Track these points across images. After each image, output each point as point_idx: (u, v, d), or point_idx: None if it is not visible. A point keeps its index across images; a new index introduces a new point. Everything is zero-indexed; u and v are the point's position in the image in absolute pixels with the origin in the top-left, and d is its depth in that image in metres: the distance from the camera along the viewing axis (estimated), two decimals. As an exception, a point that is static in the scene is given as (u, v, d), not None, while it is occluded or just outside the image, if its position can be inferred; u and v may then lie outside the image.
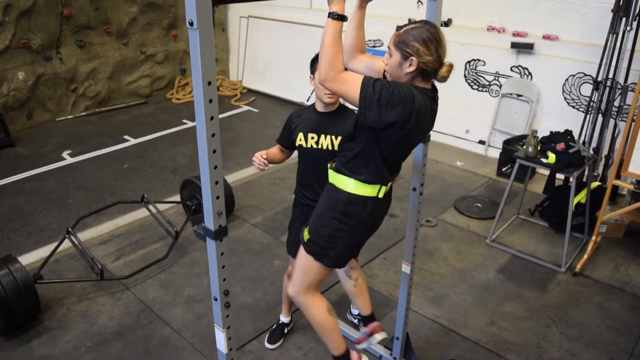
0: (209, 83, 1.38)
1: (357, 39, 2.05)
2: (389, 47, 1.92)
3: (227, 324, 1.78)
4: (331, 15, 1.77)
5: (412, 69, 1.86)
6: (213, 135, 1.43)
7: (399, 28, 1.92)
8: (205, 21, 1.31)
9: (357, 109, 1.86)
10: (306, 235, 2.14)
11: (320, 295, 2.25)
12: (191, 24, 1.32)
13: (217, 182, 1.50)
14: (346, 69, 1.86)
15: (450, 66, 1.91)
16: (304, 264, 2.17)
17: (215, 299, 1.73)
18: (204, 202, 1.54)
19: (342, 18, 1.78)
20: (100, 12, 6.77)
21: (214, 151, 1.45)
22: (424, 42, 1.83)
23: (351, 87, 1.79)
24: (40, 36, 6.25)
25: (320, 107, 2.57)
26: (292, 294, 2.24)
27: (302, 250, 2.16)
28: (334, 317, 2.26)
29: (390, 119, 1.79)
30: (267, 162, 2.57)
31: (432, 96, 1.96)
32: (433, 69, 1.88)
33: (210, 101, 1.39)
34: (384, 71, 1.98)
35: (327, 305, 2.24)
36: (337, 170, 2.05)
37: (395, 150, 1.97)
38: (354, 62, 2.07)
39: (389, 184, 2.09)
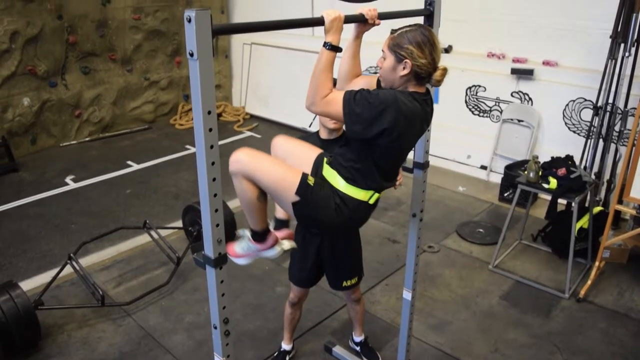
0: (209, 112, 1.40)
1: (352, 66, 2.07)
2: (383, 50, 1.93)
3: (226, 352, 1.77)
4: (326, 45, 1.81)
5: (405, 72, 1.86)
6: (213, 163, 1.44)
7: (393, 31, 1.92)
8: (206, 52, 1.34)
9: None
10: (311, 180, 1.97)
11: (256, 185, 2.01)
12: (191, 54, 1.34)
13: (216, 210, 1.51)
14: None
15: (445, 70, 1.91)
16: (282, 179, 1.94)
17: (215, 327, 1.73)
18: (204, 229, 1.54)
19: (335, 49, 1.82)
20: (105, 39, 6.87)
21: (214, 179, 1.46)
22: (419, 45, 1.84)
23: (334, 106, 1.80)
24: (46, 63, 6.33)
25: (324, 135, 2.59)
26: (236, 169, 1.98)
27: (290, 169, 1.98)
28: (263, 203, 2.08)
29: (377, 129, 1.78)
30: None
31: (424, 99, 1.95)
32: (427, 72, 1.88)
33: (210, 130, 1.41)
34: (377, 83, 1.99)
35: (259, 193, 2.02)
36: (333, 166, 2.01)
37: (388, 156, 1.95)
38: (350, 87, 2.08)
39: (383, 192, 2.05)
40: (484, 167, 5.70)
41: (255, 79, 7.97)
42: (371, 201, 2.01)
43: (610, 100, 4.27)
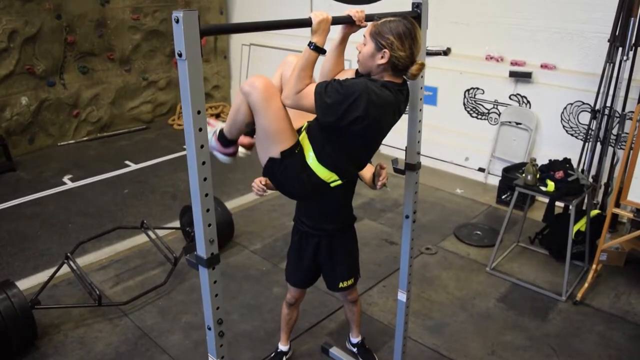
0: (199, 112, 1.40)
1: (336, 64, 2.08)
2: (364, 36, 1.94)
3: (221, 353, 1.76)
4: (310, 45, 1.83)
5: (383, 61, 1.88)
6: (204, 163, 1.44)
7: (378, 18, 1.93)
8: (194, 52, 1.34)
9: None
10: (297, 149, 2.00)
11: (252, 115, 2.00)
12: (180, 55, 1.34)
13: (208, 210, 1.51)
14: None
15: (422, 65, 1.92)
16: (277, 133, 1.93)
17: (209, 328, 1.72)
18: (196, 230, 1.54)
19: (319, 51, 1.84)
20: (104, 39, 6.87)
21: (205, 179, 1.46)
22: (400, 36, 1.85)
23: (307, 100, 1.83)
24: (44, 62, 6.33)
25: None
26: (246, 93, 1.92)
27: (288, 138, 1.96)
28: (247, 128, 2.10)
29: (348, 119, 1.81)
30: (265, 188, 2.58)
31: (399, 89, 1.96)
32: (404, 65, 1.90)
33: (200, 130, 1.41)
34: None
35: (250, 122, 2.01)
36: (308, 136, 2.02)
37: (358, 143, 1.98)
38: None
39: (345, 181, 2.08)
40: (481, 170, 5.70)
41: (254, 80, 7.95)
42: (332, 184, 2.04)
43: (608, 104, 4.27)
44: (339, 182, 2.05)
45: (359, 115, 1.81)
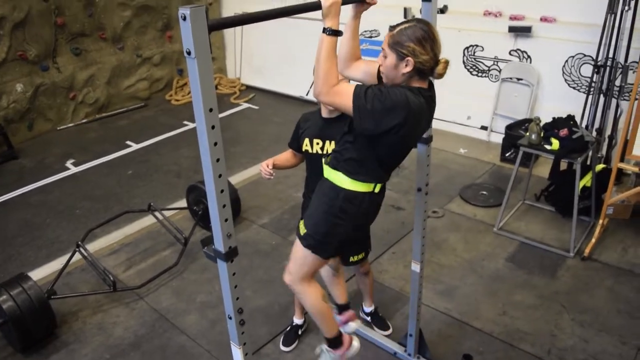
0: (211, 110, 1.38)
1: (352, 47, 2.04)
2: (383, 49, 1.91)
3: (242, 340, 1.80)
4: (325, 31, 1.77)
5: (408, 69, 1.85)
6: (220, 176, 1.42)
7: (391, 28, 1.90)
8: (203, 50, 1.31)
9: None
10: (302, 229, 2.14)
11: (315, 284, 2.28)
12: (189, 53, 1.31)
13: (224, 206, 1.51)
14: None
15: (446, 63, 1.91)
16: (301, 255, 2.17)
17: (230, 318, 1.75)
18: (213, 225, 1.54)
19: (336, 33, 1.79)
20: (94, 19, 6.75)
21: (220, 176, 1.46)
22: (419, 41, 1.83)
23: (344, 99, 1.80)
24: (36, 47, 6.23)
25: (325, 113, 2.57)
26: (288, 282, 2.27)
27: (298, 242, 2.18)
28: (328, 304, 2.31)
29: (385, 126, 1.80)
30: (272, 171, 2.60)
31: (430, 95, 1.95)
32: (429, 67, 1.88)
33: (213, 127, 1.39)
34: (379, 71, 1.97)
35: (322, 293, 2.28)
36: (333, 166, 2.05)
37: (391, 153, 1.99)
38: (350, 70, 2.07)
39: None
40: (484, 128, 5.67)
41: (249, 49, 7.86)
42: (376, 190, 2.06)
43: (611, 55, 4.22)
44: (380, 184, 2.09)
45: (394, 126, 1.80)
